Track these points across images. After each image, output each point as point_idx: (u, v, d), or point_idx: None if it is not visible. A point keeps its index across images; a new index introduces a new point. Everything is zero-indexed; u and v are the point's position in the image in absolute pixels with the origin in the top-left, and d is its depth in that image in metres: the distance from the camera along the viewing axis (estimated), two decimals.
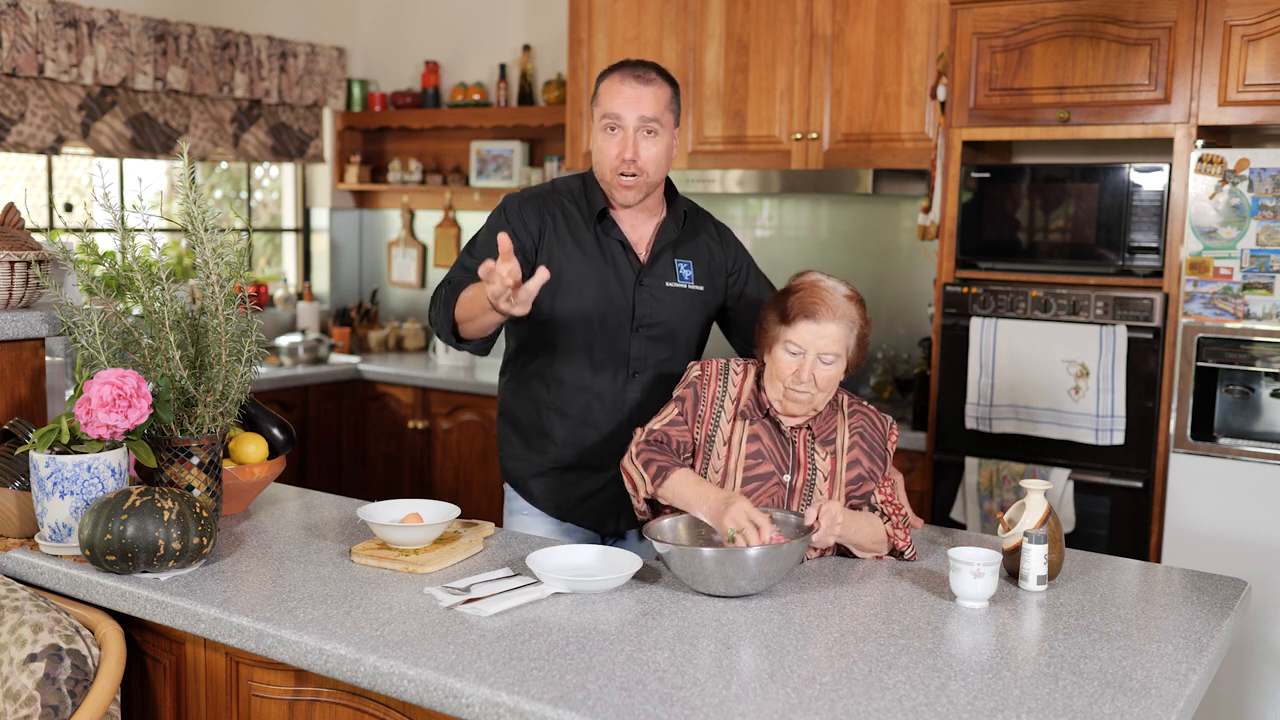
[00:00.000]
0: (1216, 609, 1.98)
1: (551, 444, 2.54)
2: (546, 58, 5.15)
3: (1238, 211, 3.09)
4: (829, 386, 2.17)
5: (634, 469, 2.19)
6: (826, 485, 2.22)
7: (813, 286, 2.17)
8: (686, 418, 2.25)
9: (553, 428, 2.53)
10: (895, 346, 4.31)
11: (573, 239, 2.48)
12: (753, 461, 2.21)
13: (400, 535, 2.11)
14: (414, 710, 1.73)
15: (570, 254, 2.47)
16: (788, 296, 2.18)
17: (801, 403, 2.17)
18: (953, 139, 3.53)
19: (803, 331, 2.13)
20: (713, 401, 2.25)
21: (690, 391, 2.27)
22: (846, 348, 2.16)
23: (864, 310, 2.20)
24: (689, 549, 1.94)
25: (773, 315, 2.19)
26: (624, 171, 2.41)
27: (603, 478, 2.54)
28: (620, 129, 2.40)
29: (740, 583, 1.93)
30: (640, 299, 2.49)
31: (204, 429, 2.21)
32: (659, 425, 2.25)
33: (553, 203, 2.51)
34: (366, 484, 5.08)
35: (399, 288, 5.71)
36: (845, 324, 2.15)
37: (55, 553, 2.12)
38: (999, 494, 3.44)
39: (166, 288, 2.18)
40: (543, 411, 2.53)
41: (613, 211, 2.50)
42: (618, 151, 2.40)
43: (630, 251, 2.50)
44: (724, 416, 2.24)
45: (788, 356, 2.15)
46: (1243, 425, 3.22)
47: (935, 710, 1.54)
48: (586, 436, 2.52)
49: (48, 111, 4.43)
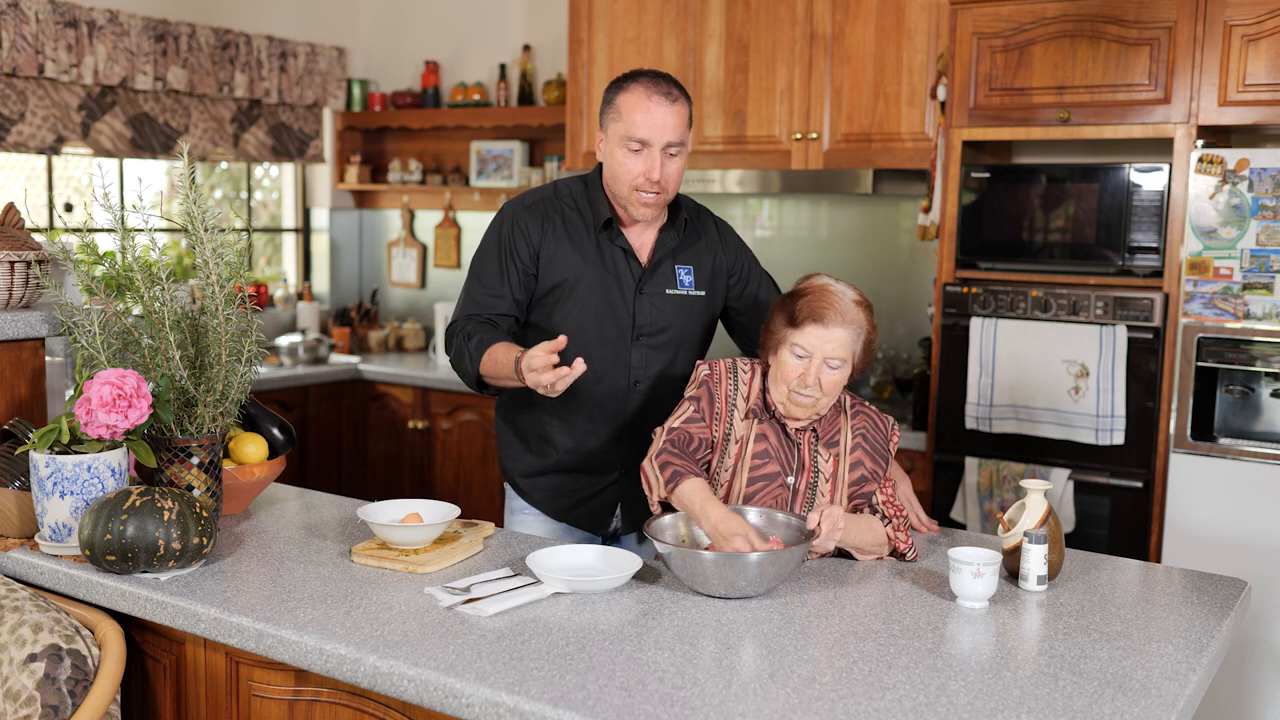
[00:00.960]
0: (1216, 609, 1.98)
1: (553, 449, 2.53)
2: (546, 58, 5.15)
3: (1238, 211, 3.09)
4: (833, 391, 2.15)
5: (651, 471, 2.16)
6: (829, 487, 2.22)
7: (822, 290, 2.15)
8: (704, 415, 2.23)
9: (554, 434, 2.53)
10: (895, 346, 4.31)
11: (574, 246, 2.46)
12: (759, 461, 2.21)
13: (400, 535, 2.11)
14: (414, 710, 1.73)
15: (572, 262, 2.45)
16: (796, 299, 2.16)
17: (805, 406, 2.16)
18: (953, 139, 3.53)
19: (810, 335, 2.12)
20: (726, 399, 2.24)
21: (704, 390, 2.25)
22: (853, 353, 2.15)
23: (872, 315, 2.18)
24: (689, 551, 1.93)
25: (780, 317, 2.17)
26: (647, 190, 2.39)
27: (602, 481, 2.54)
28: (646, 151, 2.37)
29: (740, 584, 1.93)
30: (640, 307, 2.48)
31: (204, 429, 2.21)
32: (679, 423, 2.22)
33: (554, 209, 2.49)
34: (366, 484, 5.08)
35: (399, 288, 5.71)
36: (853, 329, 2.13)
37: (55, 553, 2.12)
38: (999, 494, 3.44)
39: (166, 288, 2.18)
40: (544, 418, 2.53)
41: (616, 219, 2.48)
42: (643, 170, 2.37)
43: (633, 258, 2.48)
44: (737, 414, 2.23)
45: (794, 360, 2.14)
46: (1243, 425, 3.22)
47: (935, 710, 1.54)
48: (587, 443, 2.52)
49: (48, 111, 4.43)
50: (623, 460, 2.51)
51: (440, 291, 5.56)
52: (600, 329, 2.46)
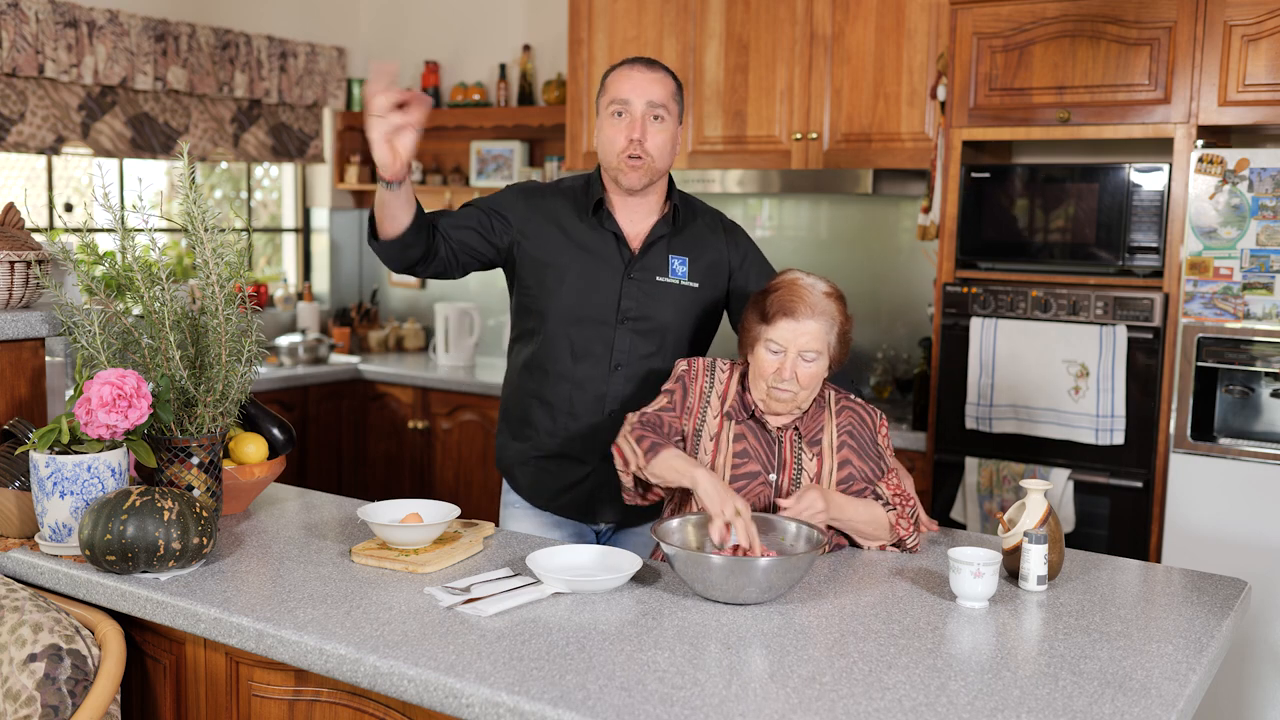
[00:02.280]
0: (1216, 609, 1.98)
1: (535, 432, 2.56)
2: (546, 58, 5.15)
3: (1238, 211, 3.09)
4: (811, 384, 2.18)
5: (626, 444, 2.20)
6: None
7: (791, 285, 2.20)
8: (676, 408, 2.27)
9: (536, 416, 2.55)
10: (895, 346, 4.31)
11: (561, 229, 2.50)
12: (739, 461, 2.23)
13: (400, 535, 2.11)
14: (414, 710, 1.73)
15: (557, 242, 2.49)
16: (767, 296, 2.21)
17: (785, 400, 2.19)
18: (953, 139, 3.53)
19: (783, 330, 2.15)
20: (700, 395, 2.28)
21: (679, 385, 2.30)
22: (828, 344, 2.18)
23: (844, 306, 2.22)
24: (697, 554, 1.92)
25: (753, 315, 2.22)
26: (631, 154, 2.43)
27: (584, 469, 2.55)
28: (628, 113, 2.43)
29: (750, 591, 1.91)
30: (628, 291, 2.50)
31: (204, 429, 2.21)
32: (652, 410, 2.28)
33: (549, 196, 2.55)
34: (366, 484, 5.08)
35: (399, 288, 5.71)
36: (825, 321, 2.17)
37: (55, 553, 2.12)
38: (999, 494, 3.44)
39: (166, 288, 2.18)
40: (527, 400, 2.56)
41: (611, 202, 2.51)
42: (626, 134, 2.43)
43: (624, 244, 2.51)
44: (710, 412, 2.26)
45: (769, 355, 2.17)
46: (1243, 425, 3.22)
47: (935, 710, 1.54)
48: (568, 427, 2.53)
49: (48, 111, 4.43)
50: (602, 446, 2.52)
51: (441, 292, 5.57)
52: (585, 309, 2.49)
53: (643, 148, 2.42)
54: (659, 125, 2.44)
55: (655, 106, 2.43)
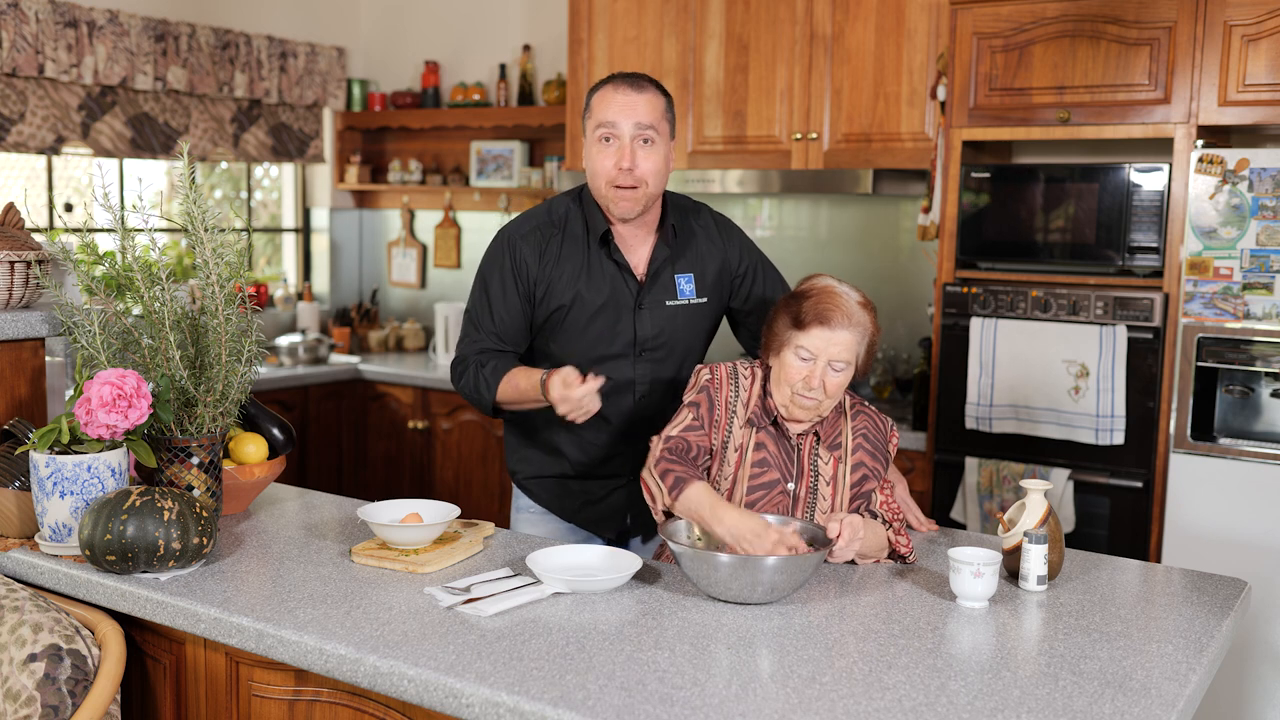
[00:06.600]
0: (1216, 609, 1.98)
1: (562, 459, 2.53)
2: (546, 58, 5.15)
3: (1238, 211, 3.09)
4: (836, 394, 2.14)
5: (652, 480, 2.14)
6: (829, 490, 2.21)
7: (827, 292, 2.14)
8: (703, 422, 2.20)
9: (563, 445, 2.52)
10: (895, 346, 4.31)
11: (572, 268, 2.42)
12: (758, 470, 2.19)
13: (400, 535, 2.11)
14: (414, 710, 1.73)
15: (571, 284, 2.42)
16: (801, 301, 2.14)
17: (808, 409, 2.14)
18: (953, 139, 3.53)
19: (816, 337, 2.10)
20: (725, 406, 2.21)
21: (704, 396, 2.22)
22: (857, 355, 2.13)
23: (875, 317, 2.17)
24: (704, 553, 1.91)
25: (784, 319, 2.15)
26: (621, 184, 2.34)
27: (609, 485, 2.54)
28: (616, 138, 2.34)
29: (759, 591, 1.90)
30: (641, 322, 2.45)
31: (204, 429, 2.21)
32: (677, 431, 2.19)
33: (550, 234, 2.44)
34: (366, 484, 5.08)
35: (399, 288, 5.71)
36: (858, 331, 2.12)
37: (55, 553, 2.12)
38: (999, 494, 3.44)
39: (166, 288, 2.18)
40: (554, 430, 2.51)
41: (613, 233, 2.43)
42: (614, 162, 2.33)
43: (628, 274, 2.44)
44: (737, 422, 2.21)
45: (798, 362, 2.12)
46: (1243, 425, 3.22)
47: (935, 710, 1.54)
48: (596, 455, 2.52)
49: (48, 111, 4.43)
50: (630, 465, 2.50)
51: (440, 291, 5.57)
52: (602, 348, 2.44)
53: (633, 175, 2.33)
54: (649, 149, 2.34)
55: (644, 129, 2.33)
